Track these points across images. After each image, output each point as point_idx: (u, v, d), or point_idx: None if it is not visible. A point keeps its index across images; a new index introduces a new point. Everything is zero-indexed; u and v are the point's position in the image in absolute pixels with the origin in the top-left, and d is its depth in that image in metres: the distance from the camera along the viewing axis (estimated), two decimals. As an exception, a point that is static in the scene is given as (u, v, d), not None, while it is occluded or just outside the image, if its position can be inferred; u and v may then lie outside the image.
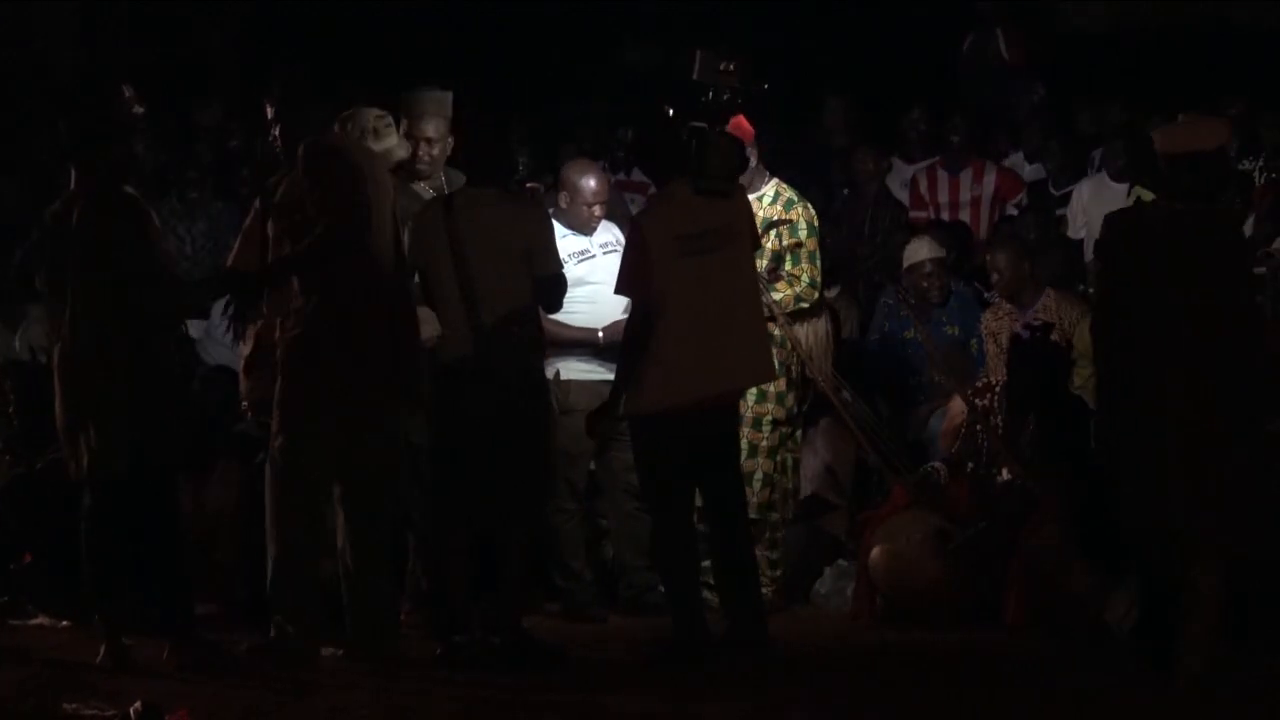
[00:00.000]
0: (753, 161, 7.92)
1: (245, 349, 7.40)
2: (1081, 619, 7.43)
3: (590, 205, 8.08)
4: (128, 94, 7.43)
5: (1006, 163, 11.02)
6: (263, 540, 7.10)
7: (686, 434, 7.08)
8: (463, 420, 7.14)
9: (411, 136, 7.78)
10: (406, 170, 7.78)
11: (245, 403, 7.56)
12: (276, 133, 7.11)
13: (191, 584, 7.30)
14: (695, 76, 7.22)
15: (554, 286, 7.26)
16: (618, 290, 7.28)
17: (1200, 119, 7.26)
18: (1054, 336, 8.31)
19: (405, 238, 7.20)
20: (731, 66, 7.21)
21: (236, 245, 7.44)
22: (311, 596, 7.03)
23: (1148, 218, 6.95)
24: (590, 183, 8.12)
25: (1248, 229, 9.02)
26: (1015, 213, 10.50)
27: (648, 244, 7.06)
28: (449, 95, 7.87)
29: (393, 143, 7.55)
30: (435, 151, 7.81)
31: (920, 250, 9.30)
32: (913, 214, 10.56)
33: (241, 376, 7.56)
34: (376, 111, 7.56)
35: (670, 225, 7.07)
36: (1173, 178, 6.79)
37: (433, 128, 7.80)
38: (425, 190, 7.81)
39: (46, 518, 8.27)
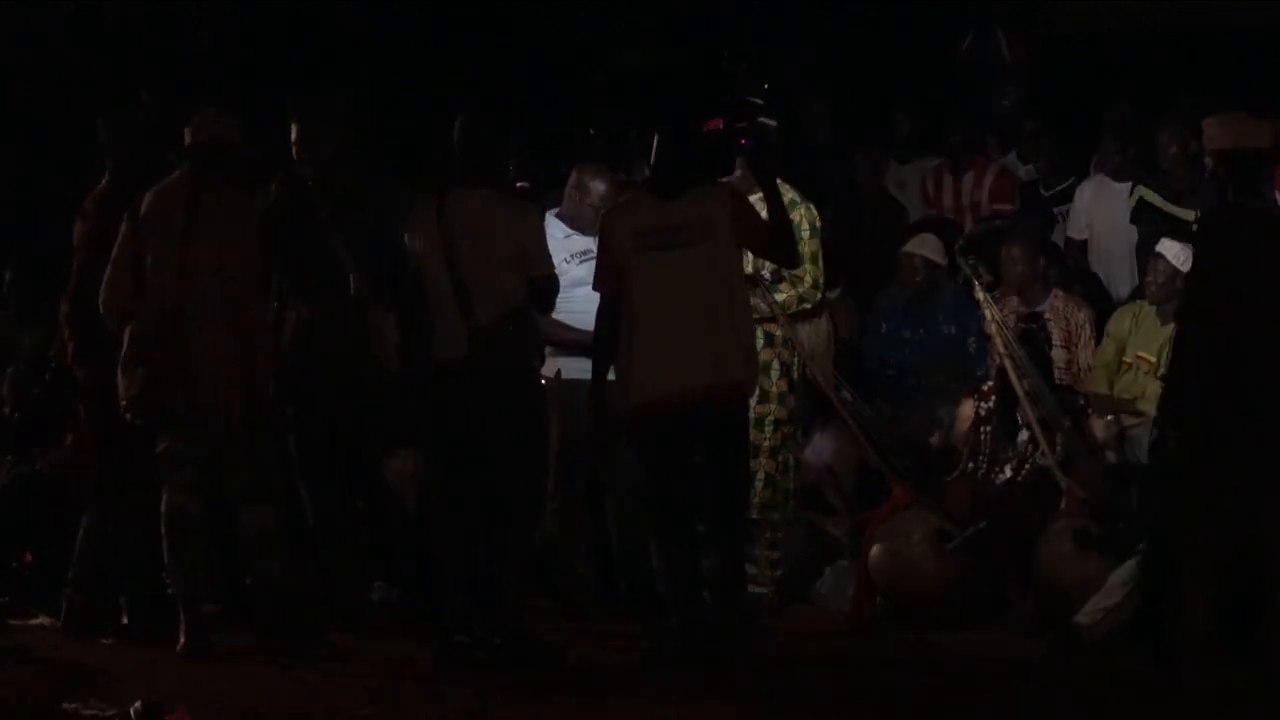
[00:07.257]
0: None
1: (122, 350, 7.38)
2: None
3: (597, 208, 8.10)
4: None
5: (1001, 163, 11.01)
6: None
7: (676, 431, 7.08)
8: (457, 420, 7.14)
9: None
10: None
11: (124, 402, 7.38)
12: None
13: None
14: (737, 91, 7.33)
15: (546, 287, 7.26)
16: (594, 287, 7.32)
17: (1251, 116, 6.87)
18: (1056, 339, 8.31)
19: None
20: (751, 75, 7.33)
21: (109, 273, 7.47)
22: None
23: (1254, 217, 6.68)
24: (600, 187, 8.19)
25: None
26: (1009, 210, 10.49)
27: (606, 241, 7.20)
28: (333, 98, 7.97)
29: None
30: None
31: (922, 245, 9.33)
32: (926, 213, 10.56)
33: (119, 376, 7.40)
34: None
35: (627, 221, 7.16)
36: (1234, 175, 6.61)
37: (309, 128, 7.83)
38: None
39: (46, 518, 8.29)
